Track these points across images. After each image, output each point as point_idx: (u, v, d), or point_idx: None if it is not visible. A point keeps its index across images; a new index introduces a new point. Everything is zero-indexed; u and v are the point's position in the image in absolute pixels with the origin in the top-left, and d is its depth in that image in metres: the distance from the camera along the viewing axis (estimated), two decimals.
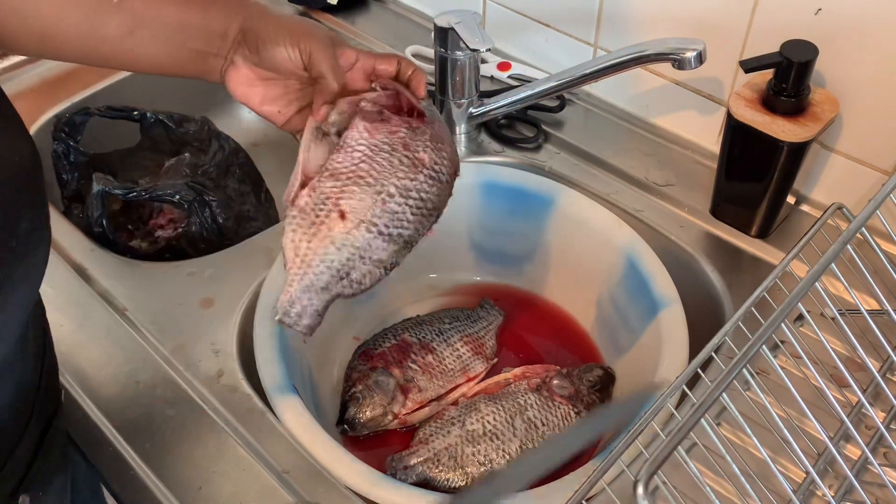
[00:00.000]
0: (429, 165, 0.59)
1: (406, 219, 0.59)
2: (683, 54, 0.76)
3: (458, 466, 0.74)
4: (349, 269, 0.58)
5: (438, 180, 0.60)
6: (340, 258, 0.58)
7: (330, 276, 0.58)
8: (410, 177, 0.58)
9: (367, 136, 0.59)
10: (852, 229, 0.62)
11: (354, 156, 0.58)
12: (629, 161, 0.95)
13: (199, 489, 0.65)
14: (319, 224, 0.58)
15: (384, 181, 0.58)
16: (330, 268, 0.58)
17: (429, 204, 0.60)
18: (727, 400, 0.55)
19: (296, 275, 0.58)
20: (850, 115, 0.82)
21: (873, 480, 0.65)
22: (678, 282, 0.79)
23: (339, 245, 0.58)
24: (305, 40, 0.60)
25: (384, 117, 0.60)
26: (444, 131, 0.62)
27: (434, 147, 0.60)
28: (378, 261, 0.59)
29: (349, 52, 0.63)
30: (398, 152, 0.58)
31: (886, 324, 0.65)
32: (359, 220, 0.57)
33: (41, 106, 1.03)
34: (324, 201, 0.58)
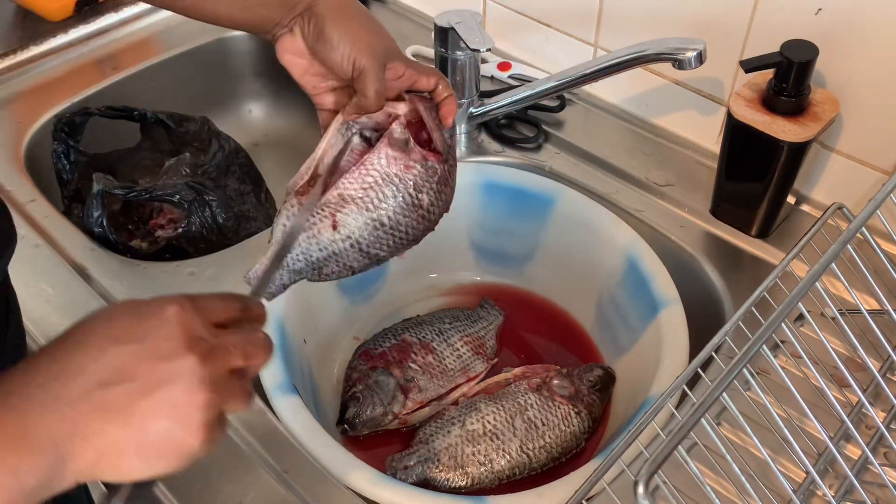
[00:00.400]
0: (425, 207, 0.64)
1: (387, 244, 0.64)
2: (683, 54, 0.76)
3: (458, 466, 0.74)
4: (323, 265, 0.64)
5: (427, 220, 0.65)
6: (319, 256, 0.64)
7: (304, 265, 0.64)
8: (405, 214, 0.64)
9: (384, 163, 0.62)
10: (852, 229, 0.62)
11: (366, 180, 0.62)
12: (629, 161, 0.95)
13: (200, 489, 0.65)
14: (312, 223, 0.63)
15: (381, 211, 0.63)
16: (307, 260, 0.64)
17: (410, 237, 0.65)
18: (727, 400, 0.55)
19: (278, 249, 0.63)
20: (850, 115, 0.82)
21: (873, 480, 0.65)
22: (678, 282, 0.79)
23: (322, 247, 0.63)
24: (362, 58, 0.61)
25: (408, 148, 0.63)
26: (451, 171, 0.66)
27: (437, 190, 0.64)
28: (349, 267, 0.65)
29: (399, 66, 0.64)
30: (404, 190, 0.63)
31: (886, 324, 0.65)
32: (347, 234, 0.63)
33: (41, 106, 1.03)
34: (323, 207, 0.63)
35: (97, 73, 1.09)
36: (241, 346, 0.46)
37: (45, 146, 0.98)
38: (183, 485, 0.65)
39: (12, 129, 1.00)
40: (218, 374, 0.44)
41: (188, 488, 0.65)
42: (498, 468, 0.74)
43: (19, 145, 0.98)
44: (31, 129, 1.00)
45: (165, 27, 1.18)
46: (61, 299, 0.79)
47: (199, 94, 1.18)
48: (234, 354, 0.45)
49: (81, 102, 1.04)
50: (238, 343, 0.46)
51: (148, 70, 1.11)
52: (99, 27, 1.15)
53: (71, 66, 1.10)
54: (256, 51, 1.21)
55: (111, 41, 1.15)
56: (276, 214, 0.65)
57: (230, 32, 1.18)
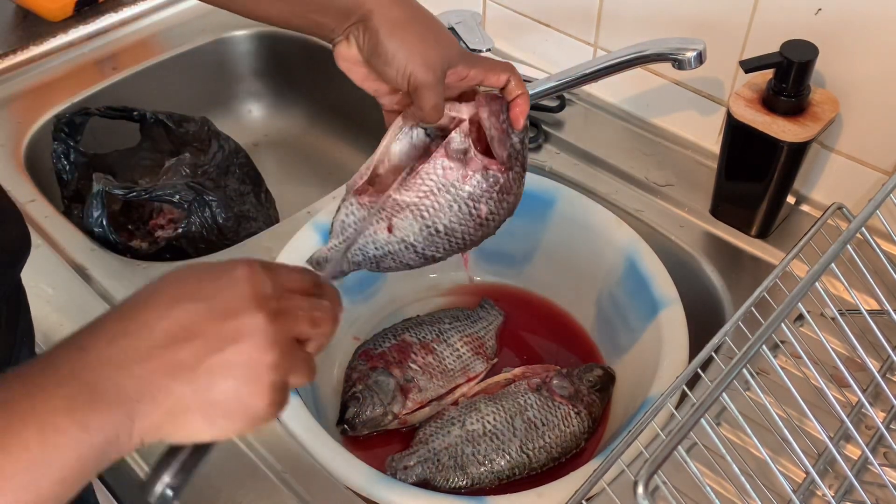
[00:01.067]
0: (484, 217, 0.64)
1: (443, 248, 0.64)
2: (683, 54, 0.76)
3: (458, 466, 0.74)
4: (380, 261, 0.65)
5: (487, 227, 0.65)
6: (376, 254, 0.65)
7: (363, 259, 0.65)
8: (461, 223, 0.63)
9: (440, 173, 0.62)
10: (852, 229, 0.62)
11: (422, 189, 0.62)
12: (629, 161, 0.95)
13: (200, 489, 0.65)
14: (368, 224, 0.63)
15: (436, 219, 0.63)
16: (365, 256, 0.65)
17: (467, 243, 0.65)
18: (727, 400, 0.55)
19: (336, 247, 0.65)
20: (850, 115, 0.82)
21: (873, 480, 0.65)
22: (678, 282, 0.79)
23: (378, 247, 0.64)
24: (417, 72, 0.60)
25: (466, 158, 0.62)
26: (516, 179, 0.64)
27: (498, 199, 0.63)
28: (406, 264, 0.66)
29: (461, 70, 0.62)
30: (461, 200, 0.62)
31: (886, 324, 0.65)
32: (401, 237, 0.63)
33: (41, 106, 1.03)
34: (379, 210, 0.63)
35: (97, 73, 1.09)
36: (309, 312, 0.46)
37: (44, 146, 0.98)
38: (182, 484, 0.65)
39: (12, 129, 1.00)
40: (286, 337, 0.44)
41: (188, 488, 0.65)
42: (498, 468, 0.74)
43: (19, 145, 0.98)
44: (31, 129, 1.00)
45: (165, 27, 1.18)
46: (61, 299, 0.79)
47: (199, 95, 1.18)
48: (301, 319, 0.45)
49: (81, 102, 1.04)
50: (306, 308, 0.46)
51: (148, 70, 1.11)
52: (99, 27, 1.15)
53: (71, 66, 1.10)
54: (256, 51, 1.21)
55: (111, 41, 1.15)
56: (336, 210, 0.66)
57: (230, 32, 1.19)
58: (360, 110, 1.16)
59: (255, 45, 1.21)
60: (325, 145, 1.23)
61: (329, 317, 0.48)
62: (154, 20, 1.19)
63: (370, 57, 0.61)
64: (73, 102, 1.04)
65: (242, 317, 0.42)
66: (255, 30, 1.20)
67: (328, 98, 1.21)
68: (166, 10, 1.20)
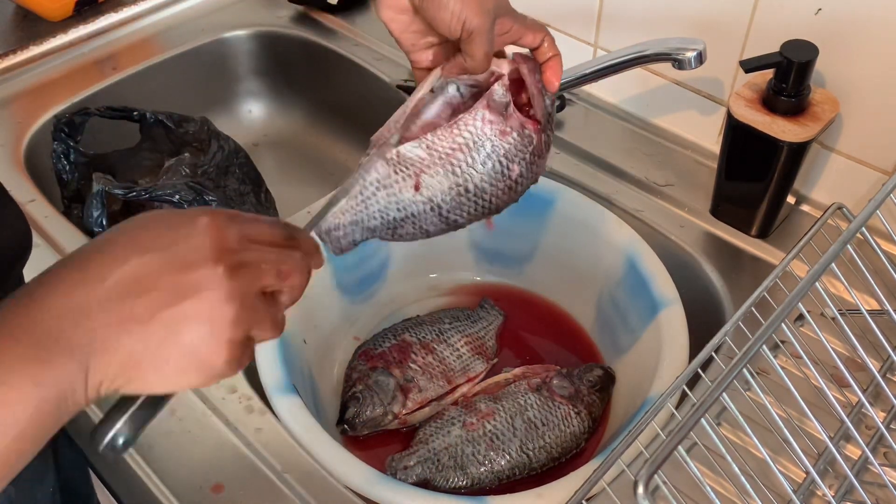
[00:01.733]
0: (514, 178, 0.61)
1: (468, 211, 0.61)
2: (683, 54, 0.75)
3: (458, 466, 0.74)
4: (398, 226, 0.61)
5: (514, 191, 0.62)
6: (397, 216, 0.61)
7: (380, 223, 0.61)
8: (492, 183, 0.60)
9: (479, 125, 0.59)
10: (852, 229, 0.62)
11: (457, 140, 0.59)
12: (629, 161, 0.95)
13: (199, 489, 0.65)
14: (394, 181, 0.60)
15: (468, 177, 0.59)
16: (384, 219, 0.61)
17: (493, 207, 0.62)
18: (727, 400, 0.55)
19: (352, 208, 0.61)
20: (850, 115, 0.82)
21: (873, 480, 0.65)
22: (678, 282, 0.79)
23: (401, 208, 0.60)
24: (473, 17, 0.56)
25: (507, 113, 0.59)
26: (546, 143, 0.62)
27: (530, 161, 0.61)
28: (425, 231, 0.62)
29: (506, 21, 0.60)
30: (496, 157, 0.59)
31: (886, 324, 0.65)
32: (428, 197, 0.60)
33: (41, 106, 1.03)
34: (408, 164, 0.59)
35: (97, 73, 1.09)
36: (275, 264, 0.44)
37: (44, 146, 0.97)
38: (182, 485, 0.65)
39: (12, 129, 1.00)
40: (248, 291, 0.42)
41: (188, 488, 0.65)
42: (498, 468, 0.74)
43: (19, 145, 0.98)
44: (31, 129, 1.00)
45: (165, 27, 1.18)
46: None
47: (199, 95, 1.18)
48: (266, 272, 0.43)
49: (81, 102, 1.04)
50: (272, 260, 0.44)
51: (148, 70, 1.11)
52: (99, 27, 1.15)
53: (70, 66, 1.10)
54: (256, 51, 1.21)
55: (111, 41, 1.15)
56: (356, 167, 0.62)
57: (230, 32, 1.19)
58: (360, 110, 1.16)
59: (255, 45, 1.21)
60: (325, 145, 1.23)
61: (298, 268, 0.45)
62: (154, 20, 1.19)
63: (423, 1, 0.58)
64: (72, 102, 1.04)
65: (200, 269, 0.40)
66: (255, 30, 1.20)
67: (328, 98, 1.21)
68: (166, 10, 1.20)
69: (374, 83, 1.11)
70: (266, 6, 1.23)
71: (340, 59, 1.14)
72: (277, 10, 1.22)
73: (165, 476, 0.66)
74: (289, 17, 1.21)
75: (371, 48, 1.14)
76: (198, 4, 1.22)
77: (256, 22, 1.20)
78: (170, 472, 0.66)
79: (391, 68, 1.11)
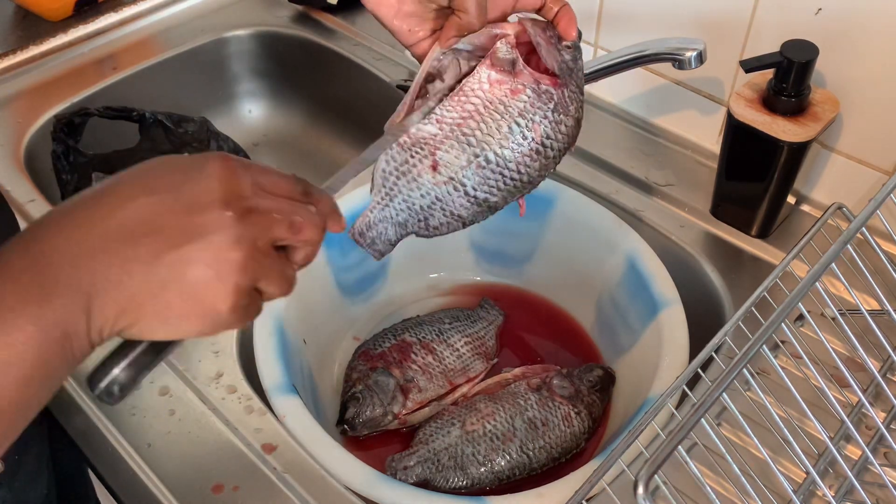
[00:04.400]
0: (538, 140, 0.55)
1: (497, 187, 0.57)
2: (683, 54, 0.75)
3: (458, 467, 0.73)
4: (428, 215, 0.58)
5: (544, 155, 0.57)
6: (422, 203, 0.57)
7: (409, 215, 0.58)
8: (514, 147, 0.55)
9: (486, 87, 0.54)
10: (852, 229, 0.62)
11: (466, 107, 0.55)
12: (629, 161, 0.95)
13: (199, 489, 0.65)
14: (411, 166, 0.56)
15: (486, 145, 0.55)
16: (410, 208, 0.58)
17: (525, 177, 0.57)
18: (727, 400, 0.55)
19: (378, 203, 0.58)
20: (850, 115, 0.82)
21: (873, 480, 0.65)
22: (678, 282, 0.79)
23: (424, 192, 0.57)
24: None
25: (515, 70, 0.55)
26: (572, 98, 0.57)
27: (553, 119, 0.56)
28: (458, 216, 0.58)
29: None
30: (510, 118, 0.55)
31: (887, 324, 0.65)
32: (449, 176, 0.56)
33: (41, 106, 1.03)
34: (421, 145, 0.56)
35: (96, 73, 1.09)
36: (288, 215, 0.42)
37: (44, 146, 0.98)
38: (182, 485, 0.65)
39: (12, 129, 1.00)
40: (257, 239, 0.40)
41: (188, 488, 0.65)
42: (498, 468, 0.74)
43: (19, 145, 0.98)
44: (31, 129, 1.00)
45: (165, 27, 1.18)
46: None
47: (199, 95, 1.18)
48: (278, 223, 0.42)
49: (81, 102, 1.04)
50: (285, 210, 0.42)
51: (147, 70, 1.11)
52: (98, 27, 1.15)
53: (70, 66, 1.10)
54: (256, 51, 1.21)
55: (110, 41, 1.15)
56: None
57: (230, 32, 1.19)
58: (360, 110, 1.16)
59: (255, 45, 1.21)
60: (325, 145, 1.23)
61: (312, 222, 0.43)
62: (154, 20, 1.19)
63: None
64: (72, 102, 1.04)
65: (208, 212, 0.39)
66: (255, 30, 1.20)
67: (328, 98, 1.21)
68: (166, 10, 1.20)
69: (374, 83, 1.11)
70: (266, 6, 1.23)
71: (340, 59, 1.14)
72: (277, 10, 1.22)
73: (165, 476, 0.66)
74: (289, 17, 1.21)
75: (371, 48, 1.14)
76: (198, 4, 1.22)
77: (256, 22, 1.20)
78: (170, 472, 0.66)
79: (391, 68, 1.11)
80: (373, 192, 0.59)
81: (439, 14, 0.59)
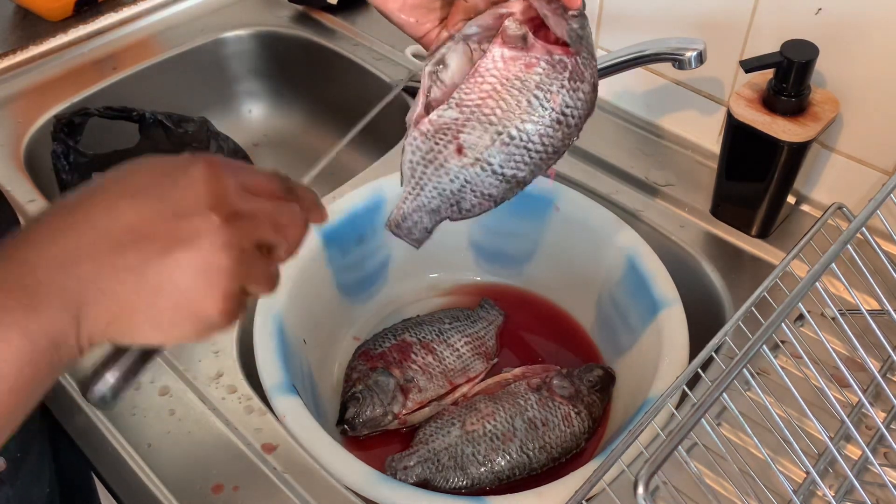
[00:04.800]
0: (558, 109, 0.56)
1: (523, 161, 0.58)
2: (683, 54, 0.75)
3: (458, 466, 0.73)
4: (459, 198, 0.59)
5: (566, 124, 0.57)
6: (452, 188, 0.59)
7: (440, 202, 0.60)
8: (535, 120, 0.56)
9: (501, 66, 0.55)
10: (852, 229, 0.62)
11: (483, 88, 0.56)
12: (629, 161, 0.95)
13: (199, 489, 0.65)
14: (437, 153, 0.58)
15: (507, 122, 0.56)
16: (441, 194, 0.59)
17: (549, 149, 0.58)
18: (727, 400, 0.55)
19: (409, 194, 0.60)
20: (850, 115, 0.82)
21: (874, 480, 0.65)
22: (678, 282, 0.79)
23: (453, 177, 0.58)
24: None
25: (527, 45, 0.56)
26: (586, 65, 0.57)
27: (570, 87, 0.56)
28: (488, 195, 0.59)
29: None
30: (528, 92, 0.55)
31: (887, 324, 0.65)
32: (475, 157, 0.57)
33: (41, 106, 1.03)
34: (444, 131, 0.57)
35: (96, 73, 1.09)
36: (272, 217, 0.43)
37: (44, 146, 0.98)
38: (182, 485, 0.65)
39: (12, 129, 1.00)
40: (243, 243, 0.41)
41: (188, 488, 0.65)
42: (498, 468, 0.74)
43: (19, 145, 0.98)
44: (31, 130, 1.00)
45: (165, 27, 1.18)
46: None
47: (199, 95, 1.18)
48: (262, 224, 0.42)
49: (81, 103, 1.04)
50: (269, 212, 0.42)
51: (147, 70, 1.11)
52: (98, 27, 1.15)
53: (70, 66, 1.10)
54: (256, 51, 1.21)
55: (110, 41, 1.15)
56: None
57: (230, 32, 1.19)
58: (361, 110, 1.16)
59: (255, 45, 1.21)
60: (325, 145, 1.23)
61: (296, 222, 0.44)
62: (154, 20, 1.19)
63: None
64: (72, 102, 1.04)
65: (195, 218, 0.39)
66: (255, 30, 1.20)
67: (328, 98, 1.21)
68: (166, 10, 1.20)
69: (374, 83, 1.11)
70: (266, 6, 1.23)
71: (340, 59, 1.14)
72: (277, 10, 1.22)
73: (165, 476, 0.66)
74: (289, 17, 1.21)
75: (371, 48, 1.14)
76: (197, 4, 1.22)
77: (256, 22, 1.20)
78: (170, 472, 0.66)
79: (391, 68, 1.11)
80: (403, 183, 0.60)
81: (445, 2, 0.60)
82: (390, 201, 0.86)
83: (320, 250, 0.82)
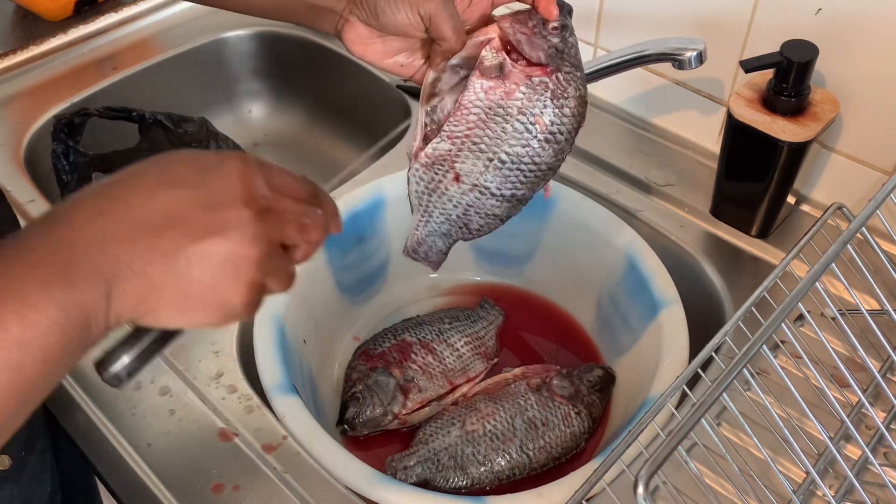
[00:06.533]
0: (544, 129, 0.58)
1: (519, 181, 0.60)
2: (683, 54, 0.75)
3: (458, 466, 0.73)
4: (466, 220, 0.62)
5: (555, 141, 0.59)
6: (457, 212, 0.62)
7: (450, 225, 0.63)
8: (523, 143, 0.58)
9: (483, 96, 0.57)
10: (852, 229, 0.62)
11: (469, 119, 0.58)
12: (629, 161, 0.95)
13: (199, 489, 0.65)
14: (437, 182, 0.61)
15: (496, 148, 0.58)
16: (449, 219, 0.62)
17: (542, 166, 0.60)
18: (727, 400, 0.55)
19: (420, 220, 0.63)
20: (850, 115, 0.82)
21: (873, 480, 0.65)
22: (678, 282, 0.79)
23: (455, 203, 0.61)
24: (425, 4, 0.57)
25: (504, 73, 0.57)
26: (569, 79, 0.59)
27: (554, 105, 0.58)
28: (493, 215, 0.62)
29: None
30: (512, 118, 0.58)
31: (887, 324, 0.66)
32: (472, 183, 0.60)
33: (41, 106, 1.03)
34: (441, 162, 0.60)
35: (96, 73, 1.09)
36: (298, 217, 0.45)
37: (44, 146, 0.98)
38: (183, 485, 0.65)
39: (12, 129, 1.00)
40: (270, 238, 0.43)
41: (188, 488, 0.65)
42: (498, 468, 0.74)
43: (19, 145, 0.98)
44: (31, 130, 1.01)
45: (165, 27, 1.18)
46: None
47: (199, 95, 1.18)
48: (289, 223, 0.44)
49: (81, 103, 1.04)
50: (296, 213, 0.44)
51: (147, 70, 1.11)
52: (98, 27, 1.15)
53: (70, 66, 1.10)
54: (256, 51, 1.21)
55: (110, 41, 1.15)
56: None
57: (230, 32, 1.19)
58: (360, 110, 1.16)
59: (255, 44, 1.21)
60: (325, 145, 1.23)
61: (319, 225, 0.46)
62: (154, 20, 1.19)
63: (377, 20, 0.60)
64: (72, 102, 1.04)
65: (228, 209, 0.41)
66: (255, 30, 1.20)
67: (328, 98, 1.21)
68: (166, 10, 1.20)
69: (374, 83, 1.11)
70: None
71: (340, 59, 1.14)
72: None
73: (165, 476, 0.66)
74: None
75: None
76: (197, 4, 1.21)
77: (256, 22, 1.20)
78: (170, 472, 0.66)
79: None
80: (413, 212, 0.63)
81: (425, 42, 0.62)
82: (390, 201, 0.86)
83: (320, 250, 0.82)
